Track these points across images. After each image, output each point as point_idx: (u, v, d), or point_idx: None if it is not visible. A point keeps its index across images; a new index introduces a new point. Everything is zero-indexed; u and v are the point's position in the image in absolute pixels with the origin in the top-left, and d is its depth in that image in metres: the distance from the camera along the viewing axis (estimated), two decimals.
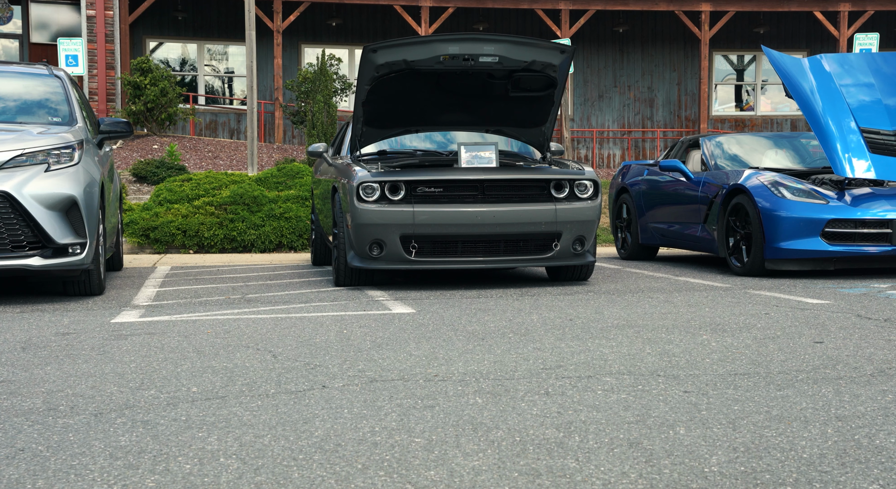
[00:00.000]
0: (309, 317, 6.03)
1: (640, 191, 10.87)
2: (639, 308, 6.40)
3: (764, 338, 5.02)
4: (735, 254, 8.83)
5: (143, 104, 20.46)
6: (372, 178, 7.65)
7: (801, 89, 8.79)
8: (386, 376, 4.06)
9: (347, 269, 7.98)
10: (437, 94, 8.42)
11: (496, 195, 7.78)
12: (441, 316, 6.07)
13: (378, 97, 8.13)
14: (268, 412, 3.37)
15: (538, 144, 8.89)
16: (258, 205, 13.91)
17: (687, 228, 9.79)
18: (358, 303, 6.80)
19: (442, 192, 7.74)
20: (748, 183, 8.63)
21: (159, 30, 24.01)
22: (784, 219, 8.24)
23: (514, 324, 5.67)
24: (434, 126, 8.91)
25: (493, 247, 7.80)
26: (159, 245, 13.48)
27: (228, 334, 5.31)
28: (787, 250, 8.26)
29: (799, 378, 3.96)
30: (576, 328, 5.47)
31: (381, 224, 7.58)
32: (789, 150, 10.06)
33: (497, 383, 3.90)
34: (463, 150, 7.98)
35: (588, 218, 7.86)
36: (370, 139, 8.64)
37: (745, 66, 26.73)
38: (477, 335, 5.23)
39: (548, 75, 8.14)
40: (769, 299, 6.82)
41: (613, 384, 3.87)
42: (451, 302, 6.84)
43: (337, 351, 4.73)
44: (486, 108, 8.66)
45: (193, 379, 4.01)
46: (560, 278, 8.40)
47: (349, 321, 5.84)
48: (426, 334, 5.28)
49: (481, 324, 5.65)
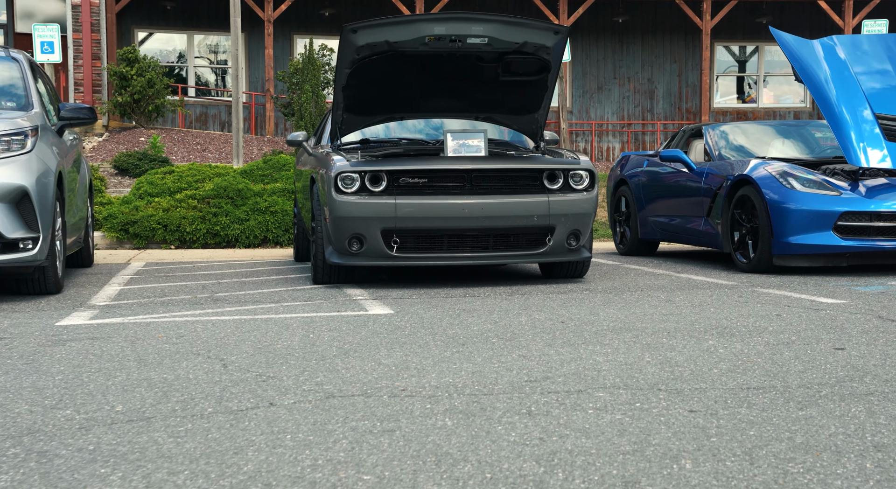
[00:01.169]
0: (276, 319, 5.49)
1: (640, 183, 10.32)
2: (637, 308, 5.86)
3: (777, 344, 4.49)
4: (740, 250, 8.28)
5: (129, 95, 19.90)
6: (351, 167, 7.11)
7: (814, 77, 8.23)
8: (346, 390, 3.52)
9: (326, 266, 7.44)
10: (423, 78, 7.87)
11: (485, 186, 7.24)
12: (421, 318, 5.53)
13: (359, 81, 7.58)
14: (195, 438, 2.84)
15: (531, 132, 8.35)
16: (243, 198, 13.37)
17: (689, 222, 9.25)
18: (333, 303, 6.27)
19: (426, 182, 7.19)
20: (755, 173, 8.09)
21: (148, 20, 23.45)
22: (793, 211, 7.70)
23: (500, 327, 5.13)
24: (420, 113, 8.36)
25: (482, 243, 7.26)
26: (139, 240, 12.94)
27: (181, 339, 4.77)
28: (797, 245, 7.72)
29: (822, 393, 3.43)
30: (567, 332, 4.93)
31: (361, 217, 7.04)
32: (797, 140, 9.51)
33: (473, 399, 3.37)
34: (449, 138, 7.44)
35: (584, 210, 7.32)
36: (352, 127, 8.09)
37: (747, 58, 26.18)
38: (457, 340, 4.70)
39: (541, 58, 7.59)
40: (779, 298, 6.28)
41: (607, 401, 3.33)
42: (435, 302, 6.31)
43: (297, 359, 4.19)
44: (476, 94, 8.11)
45: (122, 394, 3.47)
46: (554, 275, 7.86)
47: (319, 323, 5.31)
48: (401, 339, 4.75)
49: (463, 328, 5.11)
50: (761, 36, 25.04)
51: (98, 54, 21.12)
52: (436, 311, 5.80)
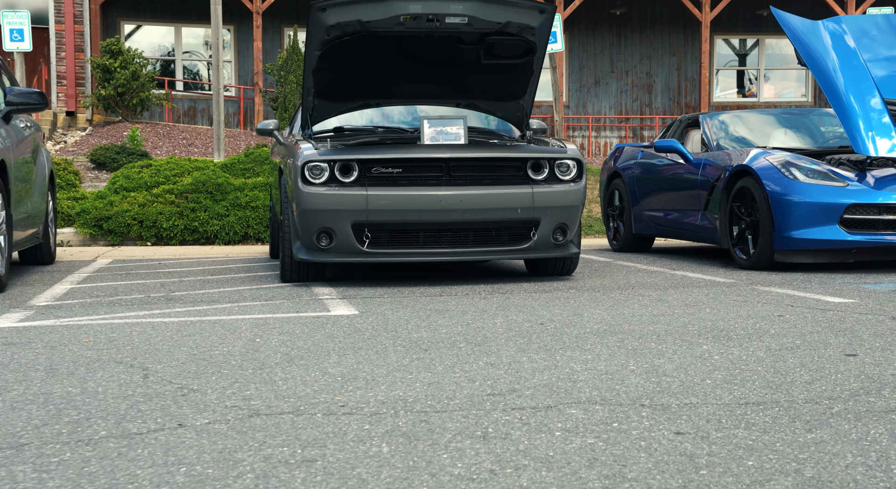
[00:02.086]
0: (225, 322, 4.97)
1: (634, 175, 9.79)
2: (626, 308, 5.34)
3: (780, 349, 3.96)
4: (740, 245, 7.76)
5: (113, 88, 19.37)
6: (319, 156, 6.58)
7: (821, 65, 7.68)
8: (275, 407, 3.01)
9: (294, 263, 6.92)
10: (400, 61, 7.33)
11: (464, 177, 6.72)
12: (386, 319, 5.01)
13: (330, 65, 7.04)
14: (65, 474, 2.31)
15: (516, 120, 7.81)
16: (222, 193, 12.84)
17: (685, 216, 8.72)
18: (295, 303, 5.75)
19: (401, 172, 6.67)
20: (755, 164, 7.56)
21: (134, 12, 22.91)
22: (796, 204, 7.17)
23: (471, 330, 4.61)
24: (397, 99, 7.81)
25: (461, 237, 6.74)
26: (113, 237, 12.41)
27: (110, 344, 4.25)
28: (800, 240, 7.19)
29: (834, 410, 2.91)
30: (545, 335, 4.41)
31: (330, 210, 6.52)
32: (800, 129, 8.98)
33: (421, 418, 2.85)
34: (426, 125, 6.91)
35: (570, 203, 6.80)
36: (324, 114, 7.55)
37: (747, 51, 25.64)
38: (420, 345, 4.18)
39: (525, 40, 7.05)
40: (781, 297, 5.76)
41: (579, 420, 2.81)
42: (406, 301, 5.78)
43: (232, 368, 3.67)
44: (456, 79, 7.57)
45: (7, 414, 2.95)
46: (540, 273, 7.33)
47: (271, 326, 4.78)
48: (357, 344, 4.22)
49: (431, 331, 4.59)
50: (762, 29, 24.51)
51: (81, 46, 20.59)
52: (404, 312, 5.28)
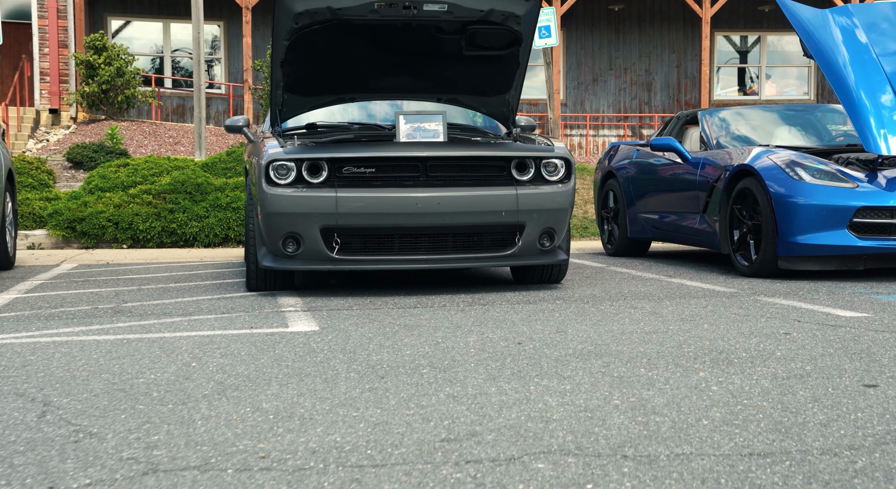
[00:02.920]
0: (167, 340, 4.45)
1: (629, 176, 9.27)
2: (615, 324, 4.82)
3: (788, 378, 3.44)
4: (741, 251, 7.23)
5: (97, 85, 18.84)
6: (285, 155, 6.07)
7: (830, 60, 7.13)
8: (180, 460, 2.48)
9: (259, 271, 6.40)
10: (375, 52, 6.80)
11: (442, 177, 6.20)
12: (347, 337, 4.49)
13: (300, 56, 6.52)
14: None
15: (502, 116, 7.28)
16: (202, 193, 12.33)
17: (683, 219, 8.20)
18: (253, 316, 5.23)
19: (374, 173, 6.15)
20: (757, 163, 7.04)
21: (122, 7, 22.37)
22: (802, 207, 6.65)
23: (440, 350, 4.09)
24: (374, 93, 7.28)
25: (439, 243, 6.22)
26: (87, 239, 11.90)
27: (21, 370, 3.72)
28: (806, 245, 6.67)
29: (858, 466, 2.39)
30: (522, 358, 3.89)
31: (297, 213, 6.00)
32: (804, 126, 8.46)
33: (353, 476, 2.33)
34: (402, 121, 6.40)
35: (558, 205, 6.28)
36: (294, 110, 7.02)
37: (748, 48, 25.10)
38: (378, 370, 3.66)
39: (510, 29, 6.53)
40: (787, 310, 5.23)
41: (545, 480, 2.29)
42: (376, 314, 5.27)
43: (151, 402, 3.15)
44: (437, 71, 7.03)
45: None
46: (526, 280, 6.81)
47: (216, 346, 4.27)
48: (306, 369, 3.70)
49: (394, 352, 4.07)
50: (763, 25, 24.00)
51: (65, 42, 20.06)
52: (370, 327, 4.76)
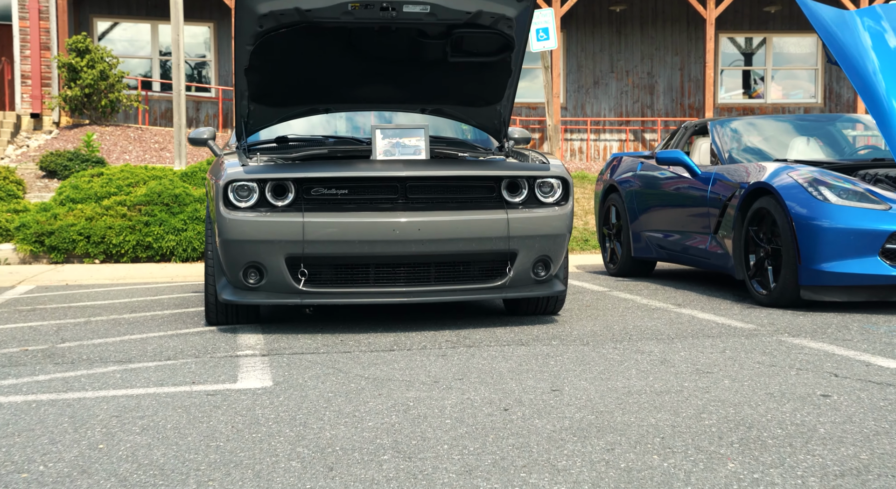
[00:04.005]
0: (85, 402, 3.74)
1: (632, 190, 8.56)
2: (620, 378, 4.11)
3: (842, 474, 2.74)
4: (758, 278, 6.53)
5: (79, 89, 18.15)
6: (246, 174, 5.37)
7: (858, 67, 6.43)
8: None
9: (219, 304, 5.71)
10: (351, 59, 6.08)
11: (424, 199, 5.50)
12: (304, 396, 3.79)
13: (266, 62, 5.81)
14: None
15: (493, 129, 6.56)
16: (180, 205, 11.62)
17: (691, 239, 7.50)
18: (200, 366, 4.52)
19: (346, 194, 5.46)
20: (776, 181, 6.34)
21: (108, 9, 21.69)
22: (828, 230, 5.95)
23: (409, 421, 3.39)
24: (350, 104, 6.57)
25: (420, 274, 5.52)
26: (57, 254, 11.19)
27: None
28: (832, 274, 5.96)
29: None
30: (507, 435, 3.18)
31: (260, 241, 5.31)
32: (823, 138, 7.76)
33: None
34: (378, 136, 5.70)
35: (554, 231, 5.58)
36: (262, 122, 6.30)
37: (753, 50, 24.41)
38: (328, 456, 2.96)
39: (501, 33, 5.82)
40: (819, 358, 4.53)
41: None
42: (343, 361, 4.56)
43: None
44: (420, 80, 6.32)
45: None
46: (519, 311, 6.11)
47: (141, 412, 3.56)
48: (239, 454, 3.00)
49: (353, 423, 3.37)
50: (769, 26, 23.31)
51: (48, 44, 19.37)
52: (333, 382, 4.06)
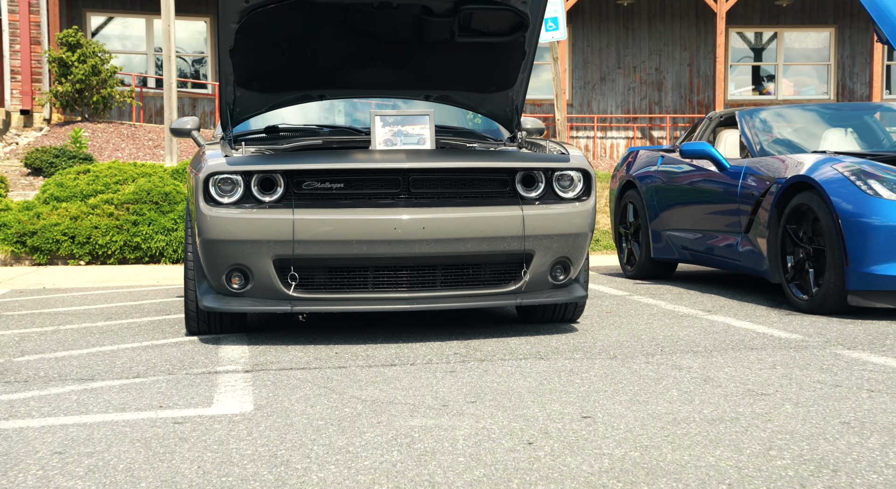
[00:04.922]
0: (26, 434, 3.14)
1: (653, 186, 7.95)
2: (660, 401, 3.50)
3: None
4: (797, 281, 5.93)
5: (70, 84, 17.57)
6: (229, 166, 4.78)
7: None
8: None
9: (200, 312, 5.11)
10: (348, 39, 5.48)
11: (429, 194, 4.89)
12: (287, 426, 3.19)
13: (253, 43, 5.20)
14: None
15: (504, 118, 5.94)
16: (170, 203, 11.04)
17: (718, 239, 6.89)
18: (172, 384, 3.92)
19: (342, 188, 4.86)
20: (817, 174, 5.73)
21: (101, 2, 21.09)
22: (879, 229, 5.34)
23: (413, 459, 2.79)
24: (347, 89, 5.95)
25: (425, 278, 4.92)
26: (40, 254, 10.61)
27: None
28: (885, 277, 5.35)
29: None
30: (534, 480, 2.57)
31: (245, 240, 4.71)
32: (859, 129, 7.16)
33: None
34: (378, 124, 5.10)
35: (575, 229, 4.98)
36: (249, 109, 5.69)
37: (763, 45, 23.79)
38: None
39: (514, 10, 5.21)
40: (889, 375, 3.92)
41: None
42: (337, 379, 3.96)
43: None
44: (425, 63, 5.71)
45: None
46: (534, 319, 5.50)
47: (90, 446, 2.96)
48: None
49: (345, 464, 2.76)
50: (780, 21, 22.70)
51: (38, 39, 18.79)
52: (324, 406, 3.46)
